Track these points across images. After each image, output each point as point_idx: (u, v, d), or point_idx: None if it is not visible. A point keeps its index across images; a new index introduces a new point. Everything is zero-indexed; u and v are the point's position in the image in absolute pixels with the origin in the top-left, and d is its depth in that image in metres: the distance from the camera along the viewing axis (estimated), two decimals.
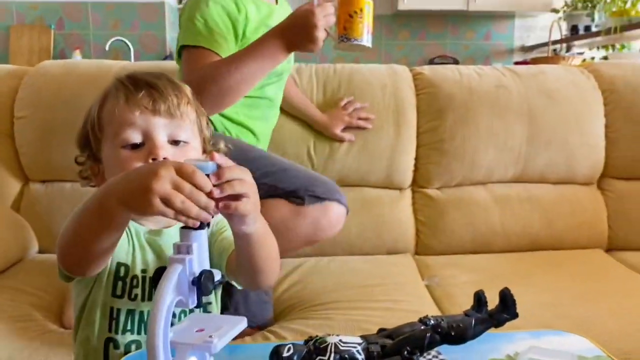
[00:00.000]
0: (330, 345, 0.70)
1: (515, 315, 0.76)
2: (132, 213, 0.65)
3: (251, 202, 0.66)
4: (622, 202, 1.78)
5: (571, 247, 1.72)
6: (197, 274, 0.63)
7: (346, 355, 0.70)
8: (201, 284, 0.62)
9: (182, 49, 1.30)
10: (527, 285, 1.40)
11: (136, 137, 0.79)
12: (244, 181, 0.65)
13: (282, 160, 1.40)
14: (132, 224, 0.84)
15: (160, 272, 0.63)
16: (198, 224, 0.63)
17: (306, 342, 0.73)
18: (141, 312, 0.82)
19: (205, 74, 1.19)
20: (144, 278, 0.82)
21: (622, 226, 1.77)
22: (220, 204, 0.64)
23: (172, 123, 0.81)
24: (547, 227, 1.72)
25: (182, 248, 0.64)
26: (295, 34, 1.15)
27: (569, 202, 1.75)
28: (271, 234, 0.78)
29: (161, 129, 0.80)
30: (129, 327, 0.81)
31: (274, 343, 0.82)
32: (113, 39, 3.71)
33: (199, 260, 0.64)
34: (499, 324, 0.76)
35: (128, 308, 0.81)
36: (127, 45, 3.74)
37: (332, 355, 0.69)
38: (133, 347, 0.81)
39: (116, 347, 0.81)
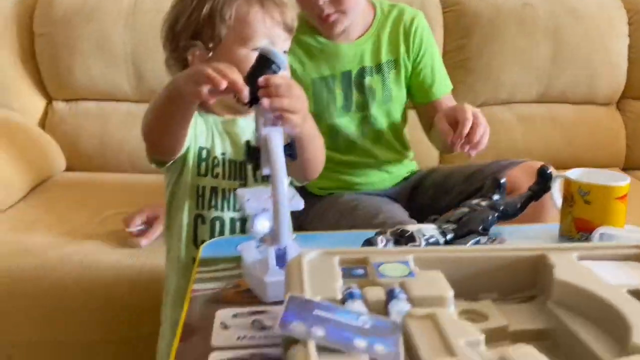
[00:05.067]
0: (414, 233, 0.74)
1: (549, 189, 0.85)
2: (190, 100, 0.76)
3: (300, 117, 0.73)
4: None
5: (590, 165, 1.75)
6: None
7: (431, 240, 0.74)
8: (293, 149, 0.68)
9: None
10: None
11: (261, 44, 0.86)
12: (299, 97, 0.73)
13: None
14: (209, 115, 0.92)
15: (251, 146, 0.70)
16: (247, 99, 0.69)
17: (378, 233, 0.76)
18: (223, 190, 0.90)
19: None
20: (223, 159, 0.91)
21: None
22: (274, 115, 0.70)
23: (288, 38, 0.90)
24: (567, 146, 1.76)
25: (268, 122, 0.70)
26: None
27: (589, 122, 1.79)
28: (318, 137, 0.87)
29: (281, 40, 0.88)
30: (213, 203, 0.89)
31: (352, 232, 0.90)
32: None
33: None
34: (537, 197, 0.85)
35: (211, 185, 0.89)
36: None
37: (421, 241, 0.73)
38: (217, 223, 0.89)
39: (203, 222, 0.89)
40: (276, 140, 0.66)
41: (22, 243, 1.20)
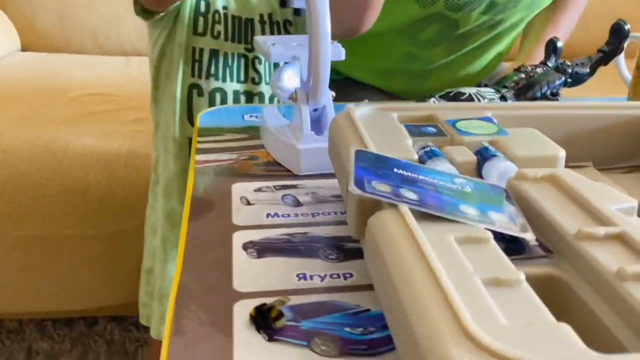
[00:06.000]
0: (472, 95, 0.60)
1: (622, 50, 0.73)
2: None
3: None
4: None
5: None
6: None
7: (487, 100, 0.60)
8: None
9: None
10: None
11: None
12: None
13: None
14: None
15: None
16: None
17: (425, 97, 0.62)
18: (225, 54, 0.73)
19: None
20: (225, 15, 0.73)
21: None
22: None
23: None
24: (583, 32, 1.61)
25: None
26: None
27: (608, 6, 1.64)
28: None
29: None
30: (212, 72, 0.73)
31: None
32: None
33: None
34: (608, 59, 0.71)
35: (211, 48, 0.72)
36: None
37: (481, 99, 0.59)
38: (217, 95, 0.73)
39: (200, 94, 0.73)
40: None
41: None
